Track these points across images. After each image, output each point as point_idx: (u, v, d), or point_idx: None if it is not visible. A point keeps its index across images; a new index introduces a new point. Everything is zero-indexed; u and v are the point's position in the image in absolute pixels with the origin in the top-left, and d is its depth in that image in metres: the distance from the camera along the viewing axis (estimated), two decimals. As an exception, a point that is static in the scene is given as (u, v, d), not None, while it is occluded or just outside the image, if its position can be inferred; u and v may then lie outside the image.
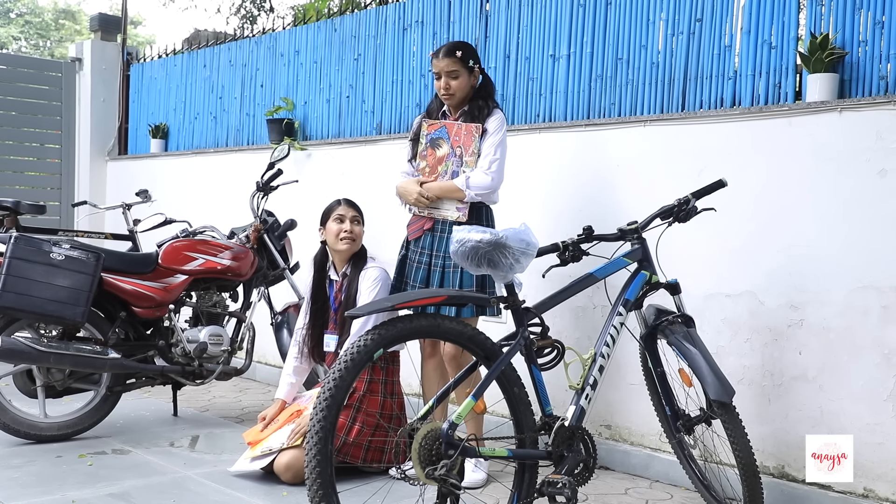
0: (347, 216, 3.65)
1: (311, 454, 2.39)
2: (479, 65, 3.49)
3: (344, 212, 3.66)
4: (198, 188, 6.32)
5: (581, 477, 2.75)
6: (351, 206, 3.70)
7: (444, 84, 3.44)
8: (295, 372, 3.73)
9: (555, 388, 2.94)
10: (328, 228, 3.66)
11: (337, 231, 3.62)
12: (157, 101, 7.10)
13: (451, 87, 3.43)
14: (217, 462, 3.70)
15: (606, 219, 3.50)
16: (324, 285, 3.72)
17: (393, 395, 3.61)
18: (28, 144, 7.52)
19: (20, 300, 3.67)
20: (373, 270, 3.59)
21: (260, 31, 6.26)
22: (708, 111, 3.64)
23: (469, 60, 3.44)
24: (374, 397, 3.55)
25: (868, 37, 3.25)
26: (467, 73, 3.44)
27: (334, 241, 3.62)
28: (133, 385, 4.18)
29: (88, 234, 5.39)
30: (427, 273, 3.46)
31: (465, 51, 3.44)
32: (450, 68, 3.41)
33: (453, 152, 3.43)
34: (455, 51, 3.42)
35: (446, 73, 3.42)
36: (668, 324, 3.06)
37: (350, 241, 3.62)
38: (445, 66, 3.42)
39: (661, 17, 3.86)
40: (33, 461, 3.62)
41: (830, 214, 3.19)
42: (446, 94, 3.46)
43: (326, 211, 3.71)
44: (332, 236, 3.63)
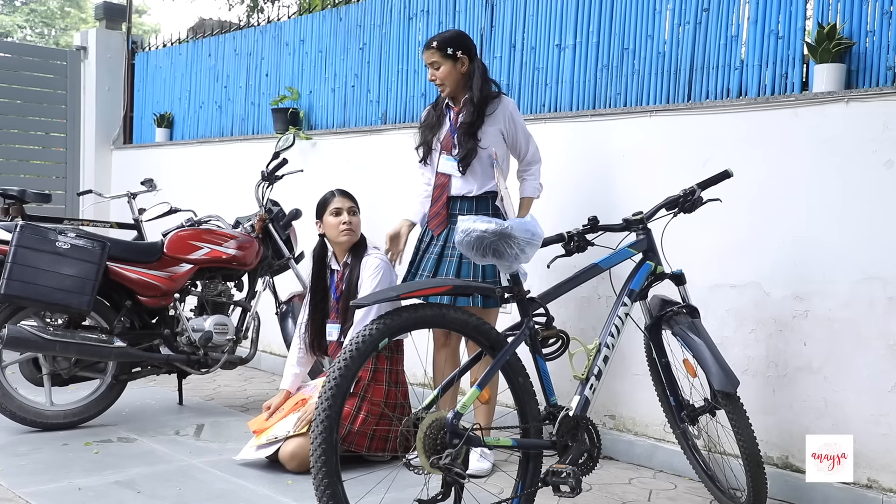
0: (344, 208, 3.64)
1: (316, 443, 2.40)
2: (462, 51, 3.48)
3: (340, 204, 3.65)
4: (203, 177, 6.32)
5: (585, 467, 2.75)
6: (346, 197, 3.69)
7: (430, 75, 3.53)
8: (299, 362, 3.74)
9: (559, 379, 2.94)
10: (326, 222, 3.66)
11: (336, 224, 3.62)
12: (161, 91, 7.10)
13: (437, 77, 3.50)
14: (222, 451, 3.72)
15: (612, 209, 3.49)
16: (324, 277, 3.73)
17: (397, 384, 3.61)
18: (33, 133, 7.52)
19: (26, 289, 3.68)
20: (373, 259, 3.60)
21: (265, 20, 6.25)
22: (714, 101, 3.63)
23: (447, 49, 3.46)
24: (379, 386, 3.55)
25: (875, 27, 3.23)
26: (450, 62, 3.47)
27: (335, 235, 3.63)
28: (138, 374, 4.20)
29: (94, 222, 5.40)
30: (457, 265, 3.46)
31: (441, 40, 3.49)
32: (430, 59, 3.49)
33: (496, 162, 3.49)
34: (432, 42, 3.50)
35: (429, 63, 3.51)
36: (673, 314, 3.06)
37: (350, 233, 3.62)
38: (427, 57, 3.51)
39: (668, 7, 3.84)
40: (39, 449, 3.64)
41: (836, 205, 3.19)
42: (437, 84, 3.53)
43: (321, 204, 3.70)
44: (332, 230, 3.63)
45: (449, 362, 3.61)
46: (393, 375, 3.61)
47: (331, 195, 3.70)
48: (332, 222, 3.63)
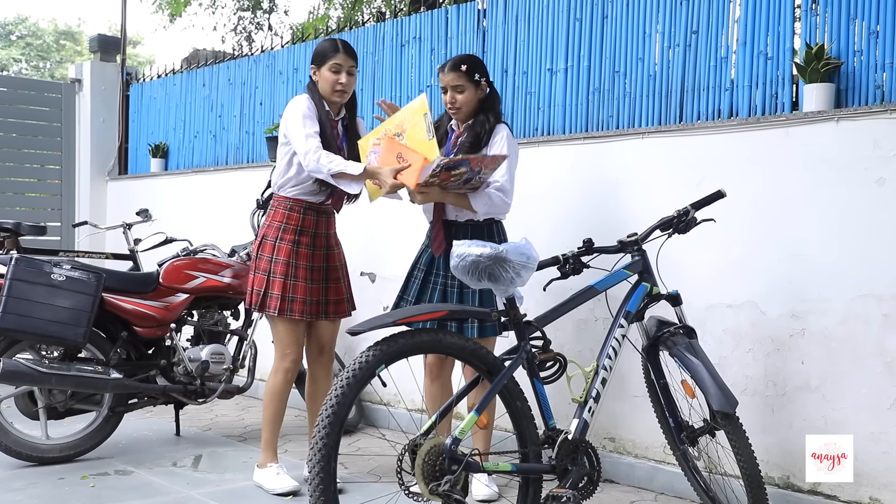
0: (345, 68, 3.46)
1: (314, 472, 2.38)
2: (485, 77, 3.44)
3: (342, 62, 3.45)
4: (198, 207, 6.33)
5: (585, 490, 2.74)
6: (349, 55, 3.49)
7: (449, 98, 3.41)
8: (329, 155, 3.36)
9: (558, 402, 2.93)
10: (323, 75, 3.47)
11: (333, 82, 3.44)
12: (156, 121, 7.13)
13: (457, 101, 3.39)
14: (220, 481, 3.69)
15: (606, 231, 3.50)
16: (331, 120, 3.50)
17: None
18: (28, 165, 7.54)
19: (21, 322, 3.67)
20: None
21: (259, 49, 6.29)
22: (706, 122, 3.65)
23: (475, 74, 3.39)
24: None
25: (863, 47, 3.27)
26: (473, 86, 3.38)
27: (328, 92, 3.46)
28: (135, 405, 4.17)
29: (89, 254, 5.39)
30: (460, 293, 3.36)
31: (470, 64, 3.40)
32: (455, 82, 3.37)
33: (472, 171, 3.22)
34: (460, 65, 3.38)
35: (452, 87, 3.38)
36: (670, 335, 3.06)
37: (342, 95, 3.48)
38: (451, 80, 3.38)
39: (658, 30, 3.88)
40: (35, 484, 3.61)
41: (829, 223, 3.20)
42: (452, 108, 3.42)
43: (322, 53, 3.49)
44: (327, 86, 3.46)
45: (443, 392, 3.56)
46: None
47: (334, 48, 3.48)
48: (329, 78, 3.45)
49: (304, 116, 3.39)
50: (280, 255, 3.47)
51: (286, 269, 3.45)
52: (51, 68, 26.03)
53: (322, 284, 3.55)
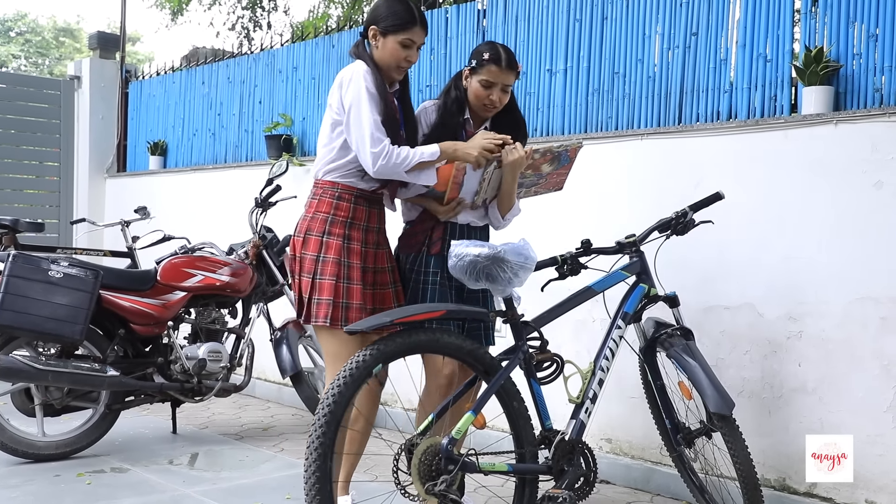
0: (417, 44, 2.90)
1: (310, 471, 2.38)
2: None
3: (417, 38, 2.89)
4: (196, 205, 6.32)
5: (582, 491, 2.74)
6: (425, 31, 2.93)
7: (496, 97, 2.95)
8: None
9: (554, 403, 2.93)
10: (389, 45, 2.87)
11: (401, 58, 2.88)
12: (155, 119, 7.12)
13: (501, 102, 2.99)
14: (216, 479, 3.69)
15: (604, 232, 3.50)
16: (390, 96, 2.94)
17: None
18: (27, 162, 7.53)
19: (18, 318, 3.66)
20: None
21: (258, 47, 6.29)
22: (704, 124, 3.66)
23: (519, 71, 3.05)
24: None
25: (862, 49, 3.27)
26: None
27: (392, 67, 2.90)
28: (132, 402, 4.17)
29: (87, 251, 5.39)
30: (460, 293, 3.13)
31: (516, 61, 3.02)
32: (508, 80, 2.96)
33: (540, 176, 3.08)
34: (515, 63, 2.97)
35: (502, 86, 2.95)
36: (668, 336, 3.06)
37: (402, 73, 2.96)
38: (504, 77, 2.94)
39: (657, 32, 3.88)
40: (31, 480, 3.61)
41: (827, 226, 3.20)
42: (491, 107, 2.99)
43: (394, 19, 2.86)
44: (392, 59, 2.88)
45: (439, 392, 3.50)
46: None
47: (412, 19, 2.87)
48: (396, 52, 2.87)
49: (371, 96, 2.80)
50: (329, 253, 2.84)
51: (337, 269, 2.82)
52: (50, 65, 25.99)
53: (371, 290, 2.94)
